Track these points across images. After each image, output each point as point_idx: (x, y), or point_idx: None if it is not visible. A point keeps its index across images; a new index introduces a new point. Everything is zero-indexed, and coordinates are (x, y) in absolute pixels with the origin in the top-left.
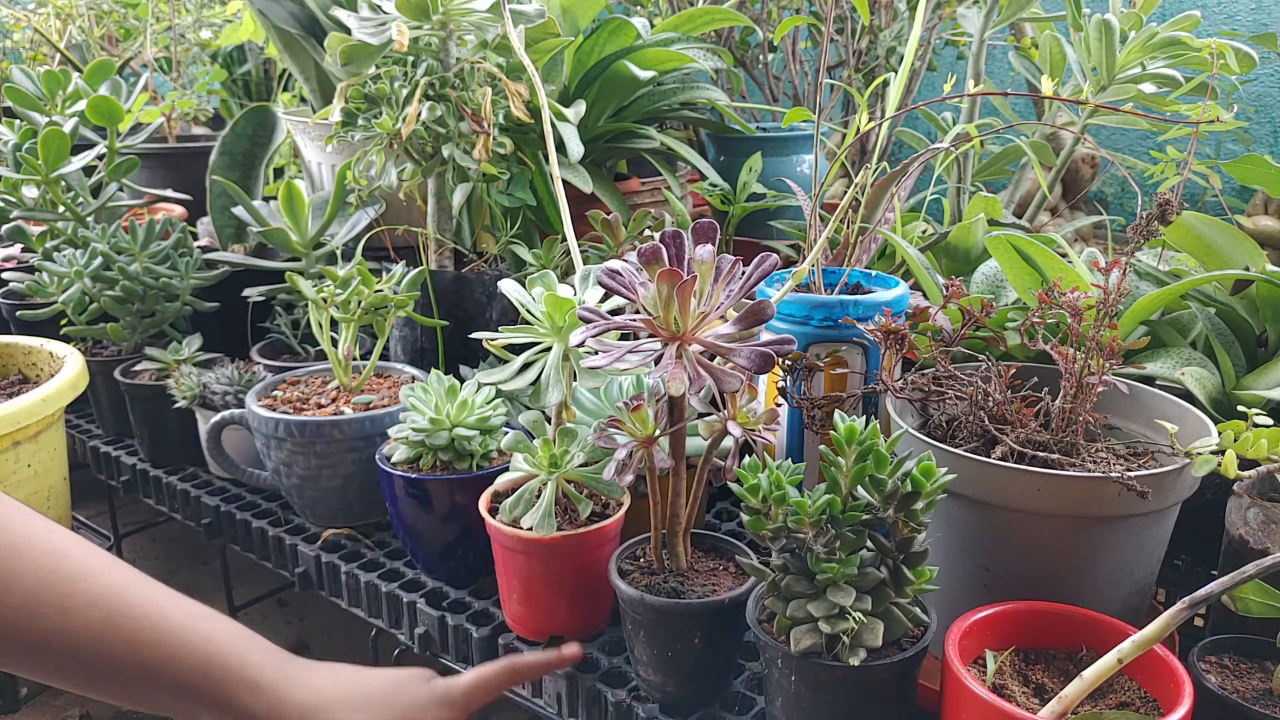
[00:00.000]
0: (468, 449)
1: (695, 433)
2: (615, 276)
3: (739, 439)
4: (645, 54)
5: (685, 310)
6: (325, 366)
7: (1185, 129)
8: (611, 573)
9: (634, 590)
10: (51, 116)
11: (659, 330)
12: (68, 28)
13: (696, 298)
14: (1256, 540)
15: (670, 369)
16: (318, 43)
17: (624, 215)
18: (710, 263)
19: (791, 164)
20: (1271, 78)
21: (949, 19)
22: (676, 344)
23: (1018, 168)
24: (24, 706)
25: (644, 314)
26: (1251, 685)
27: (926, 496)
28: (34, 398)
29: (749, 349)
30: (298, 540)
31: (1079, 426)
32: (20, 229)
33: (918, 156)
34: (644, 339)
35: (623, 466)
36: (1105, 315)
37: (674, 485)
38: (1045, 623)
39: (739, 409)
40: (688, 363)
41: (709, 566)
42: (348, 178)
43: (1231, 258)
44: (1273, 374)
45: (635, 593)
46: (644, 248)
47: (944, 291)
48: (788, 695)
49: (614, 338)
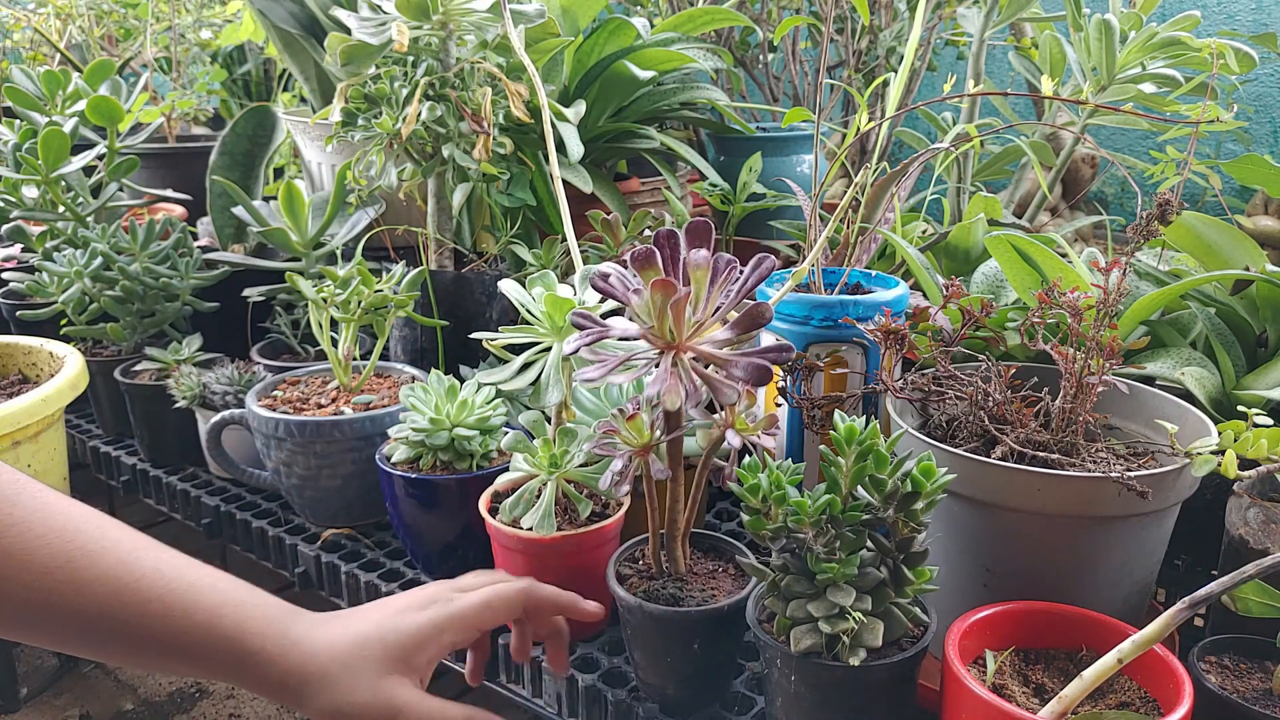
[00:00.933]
0: (468, 449)
1: (693, 434)
2: (606, 280)
3: (737, 447)
4: (645, 54)
5: (680, 320)
6: (325, 366)
7: (1185, 129)
8: (610, 578)
9: (632, 597)
10: (51, 116)
11: (653, 340)
12: (68, 28)
13: (692, 306)
14: (1256, 540)
15: (666, 381)
16: (318, 43)
17: (624, 215)
18: (706, 267)
19: (791, 164)
20: (1271, 78)
21: (949, 19)
22: (672, 353)
23: (1018, 168)
24: (24, 706)
25: (639, 322)
26: (1251, 685)
27: (926, 496)
28: (34, 398)
29: (746, 361)
30: (298, 540)
31: (1079, 426)
32: (20, 229)
33: (918, 156)
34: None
35: (619, 477)
36: (1105, 315)
37: (672, 490)
38: (1045, 623)
39: (737, 415)
40: (684, 373)
41: (708, 568)
42: (348, 178)
43: (1231, 258)
44: (1273, 374)
45: (634, 600)
46: (637, 251)
47: (944, 291)
48: (788, 695)
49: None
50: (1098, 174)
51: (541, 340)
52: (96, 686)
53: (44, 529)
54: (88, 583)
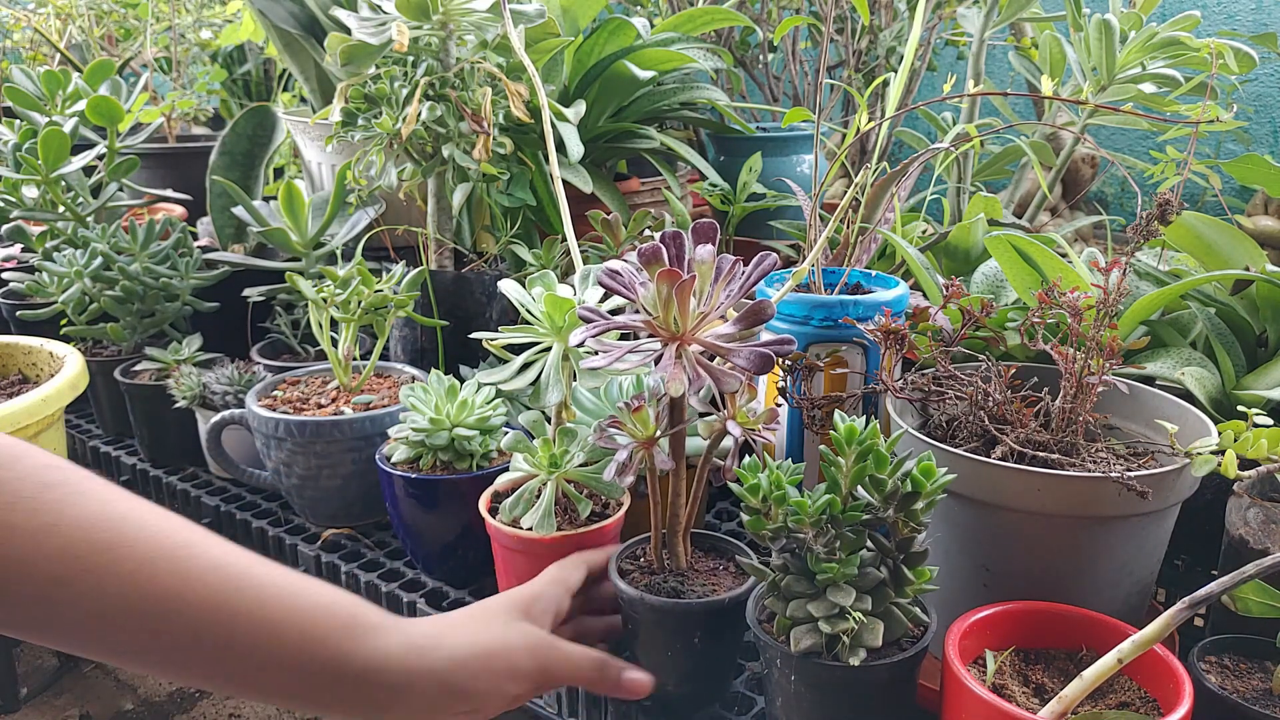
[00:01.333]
0: (468, 449)
1: (695, 433)
2: (615, 276)
3: (739, 439)
4: (645, 54)
5: (685, 310)
6: (325, 366)
7: (1185, 129)
8: (611, 572)
9: (634, 590)
10: (51, 116)
11: (659, 330)
12: (68, 28)
13: (696, 297)
14: (1256, 540)
15: (670, 369)
16: (318, 43)
17: (624, 215)
18: (710, 263)
19: (791, 164)
20: (1271, 78)
21: (949, 19)
22: (676, 344)
23: (1018, 168)
24: (24, 706)
25: (644, 314)
26: (1251, 685)
27: (926, 496)
28: (34, 398)
29: (749, 349)
30: (298, 540)
31: (1079, 426)
32: (20, 229)
33: (918, 156)
34: (644, 339)
35: (623, 468)
36: (1105, 315)
37: (674, 485)
38: (1045, 623)
39: (738, 409)
40: (687, 363)
41: (709, 566)
42: (348, 178)
43: (1231, 258)
44: (1273, 374)
45: (635, 592)
46: (644, 248)
47: (944, 291)
48: (788, 695)
49: (614, 338)
50: (1098, 174)
51: (541, 340)
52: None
53: (144, 521)
54: (197, 572)
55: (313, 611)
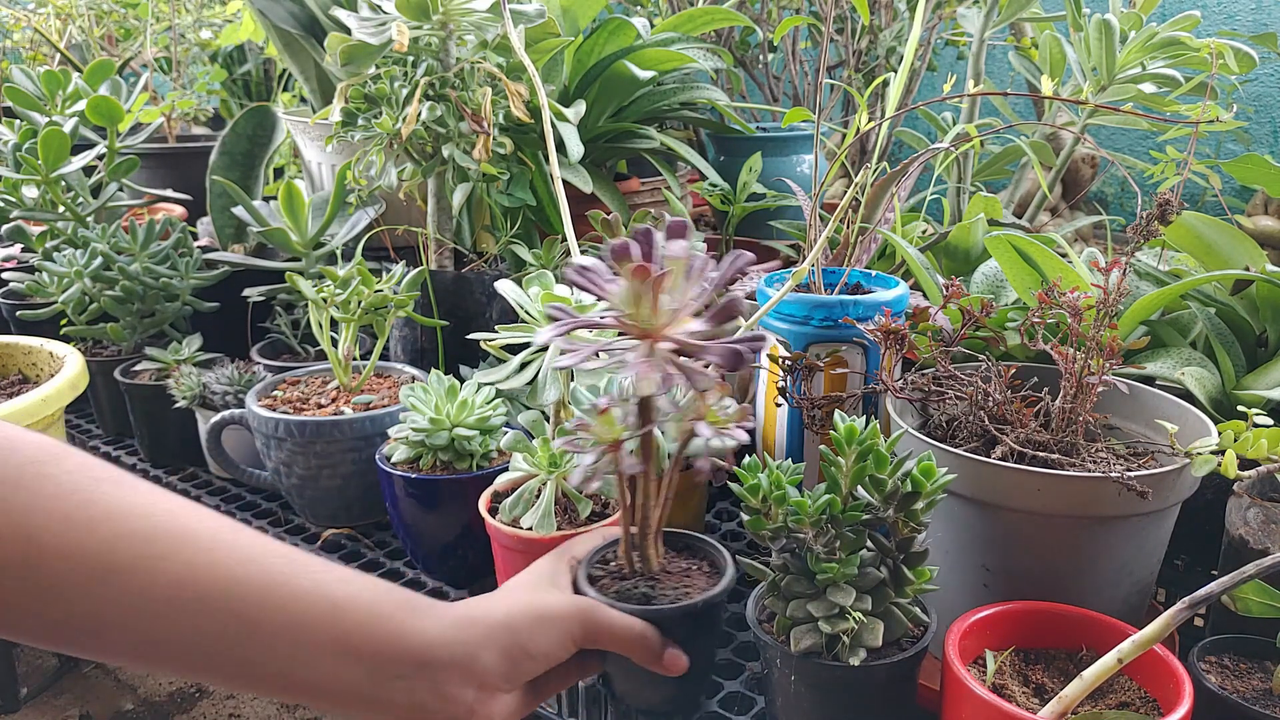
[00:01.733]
0: (468, 449)
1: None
2: (585, 273)
3: (708, 438)
4: (645, 54)
5: (656, 306)
6: (325, 366)
7: (1185, 129)
8: (580, 580)
9: (603, 597)
10: (51, 116)
11: (629, 327)
12: (68, 28)
13: (668, 294)
14: (1256, 540)
15: (641, 367)
16: (318, 43)
17: (624, 215)
18: (683, 259)
19: (791, 164)
20: (1271, 78)
21: (949, 19)
22: (648, 341)
23: (1018, 168)
24: (24, 706)
25: (615, 311)
26: (1251, 685)
27: (926, 496)
28: (34, 398)
29: (720, 346)
30: (298, 540)
31: (1079, 426)
32: (20, 229)
33: (918, 156)
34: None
35: (590, 473)
36: (1105, 315)
37: (643, 487)
38: (1045, 623)
39: (708, 408)
40: (658, 361)
41: (682, 567)
42: (348, 178)
43: (1231, 258)
44: (1273, 374)
45: (604, 600)
46: (614, 243)
47: (944, 291)
48: (788, 695)
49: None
50: (1098, 174)
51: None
52: (96, 686)
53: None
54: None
55: (373, 590)
